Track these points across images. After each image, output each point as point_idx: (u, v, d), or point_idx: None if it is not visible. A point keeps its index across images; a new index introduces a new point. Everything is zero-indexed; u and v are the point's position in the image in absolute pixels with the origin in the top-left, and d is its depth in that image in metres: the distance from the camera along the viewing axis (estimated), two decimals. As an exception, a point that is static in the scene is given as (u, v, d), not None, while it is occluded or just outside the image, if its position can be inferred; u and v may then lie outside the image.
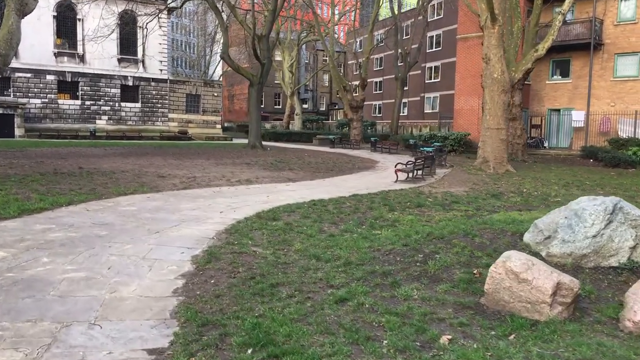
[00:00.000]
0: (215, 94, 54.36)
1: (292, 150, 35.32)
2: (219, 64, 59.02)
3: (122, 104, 47.54)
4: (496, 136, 22.40)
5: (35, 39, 41.64)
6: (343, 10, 57.06)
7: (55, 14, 43.56)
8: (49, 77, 43.84)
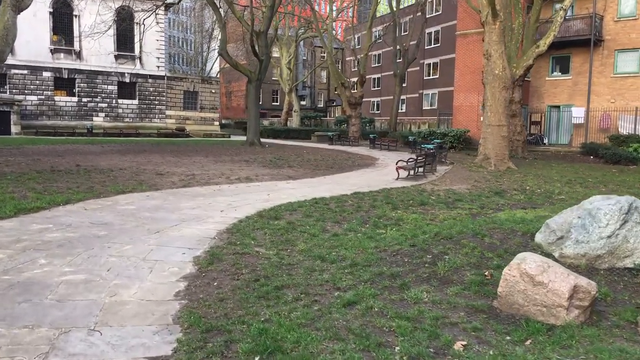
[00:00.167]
0: (212, 91, 54.08)
1: (291, 148, 35.11)
2: (216, 60, 58.68)
3: (119, 101, 47.25)
4: (497, 133, 22.23)
5: (32, 35, 41.29)
6: (341, 6, 56.76)
7: (52, 10, 43.20)
8: (46, 74, 43.52)
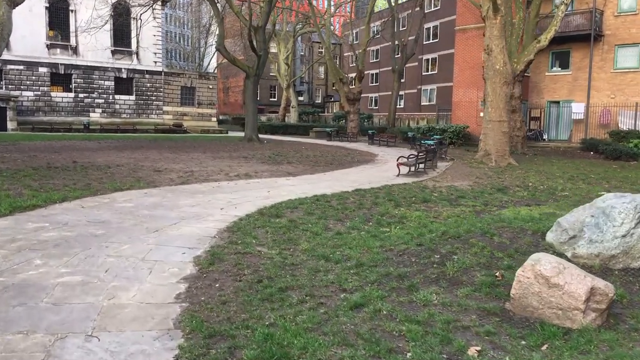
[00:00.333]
0: (210, 87, 53.76)
1: (289, 143, 34.89)
2: (213, 55, 58.33)
3: (116, 97, 46.91)
4: (498, 129, 22.05)
5: (27, 30, 40.89)
6: (339, 1, 56.44)
7: (48, 5, 42.76)
8: (42, 69, 43.14)
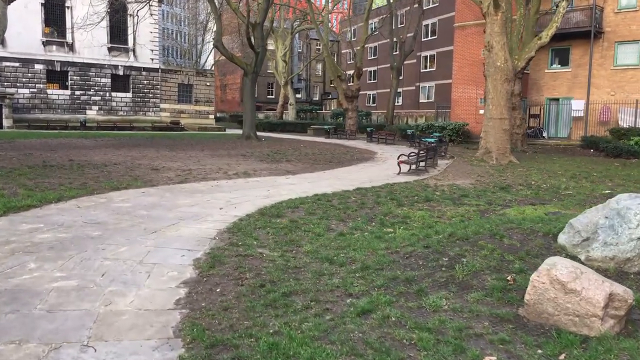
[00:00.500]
0: (207, 84, 53.46)
1: (288, 141, 34.66)
2: (210, 53, 57.93)
3: (113, 94, 46.59)
4: (499, 126, 21.86)
5: (23, 27, 40.56)
6: (337, -2, 56.18)
7: (43, 1, 42.37)
8: (38, 67, 42.78)
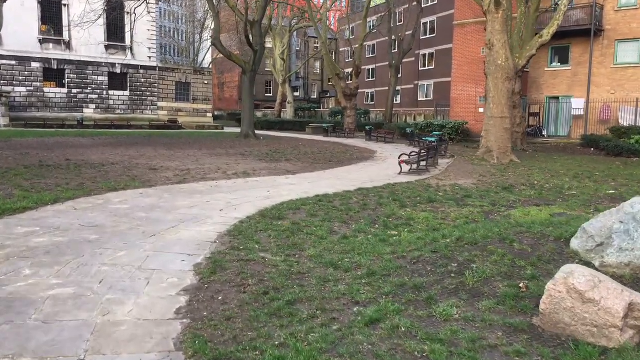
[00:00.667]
0: (205, 82, 53.19)
1: (286, 140, 34.45)
2: (208, 51, 57.66)
3: (110, 92, 46.30)
4: (500, 125, 21.68)
5: (19, 25, 40.24)
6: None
7: (40, -1, 42.15)
8: (34, 65, 42.49)
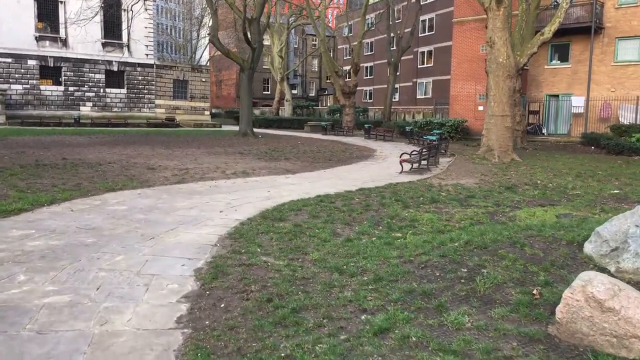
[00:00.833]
0: (203, 80, 52.90)
1: (285, 138, 34.23)
2: (205, 48, 57.37)
3: (107, 90, 46.00)
4: (501, 124, 21.49)
5: (15, 22, 39.99)
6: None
7: (36, -5, 41.80)
8: (31, 62, 42.16)
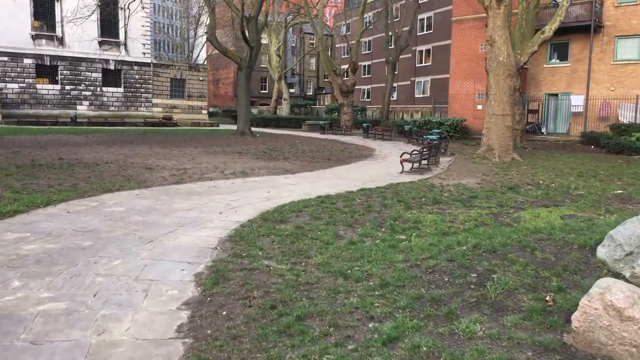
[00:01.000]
0: (200, 78, 52.64)
1: (283, 137, 34.03)
2: (203, 47, 57.10)
3: (104, 89, 45.71)
4: (501, 123, 21.34)
5: (11, 20, 39.69)
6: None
7: (32, -6, 41.49)
8: (27, 61, 41.85)
